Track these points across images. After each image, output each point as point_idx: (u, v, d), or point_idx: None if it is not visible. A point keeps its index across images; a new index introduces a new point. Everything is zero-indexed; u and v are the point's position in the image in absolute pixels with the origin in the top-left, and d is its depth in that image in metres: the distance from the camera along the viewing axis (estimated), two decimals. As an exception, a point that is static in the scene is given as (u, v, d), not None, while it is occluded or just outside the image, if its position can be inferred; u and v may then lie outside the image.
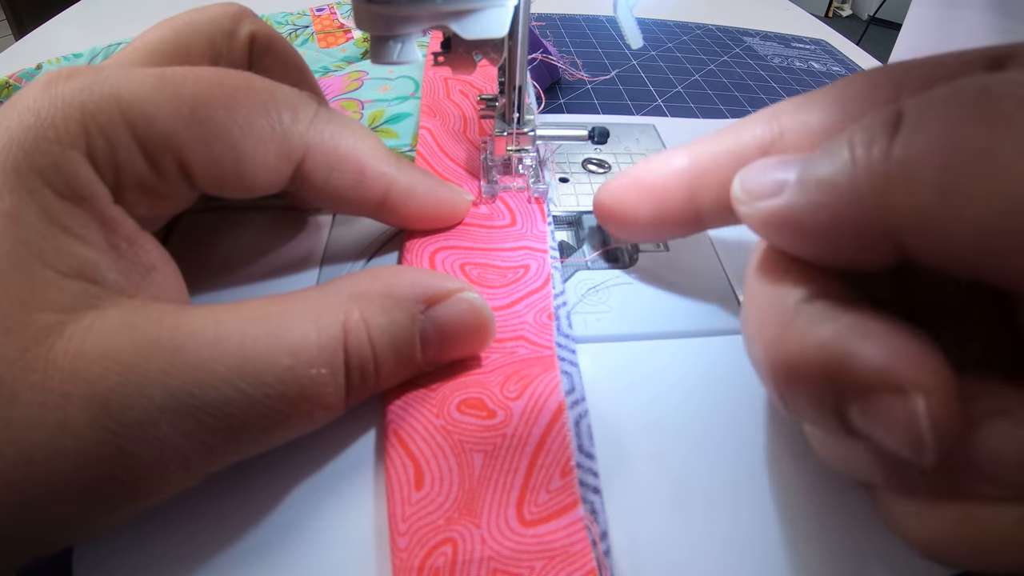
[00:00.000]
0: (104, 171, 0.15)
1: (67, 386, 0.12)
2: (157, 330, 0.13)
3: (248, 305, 0.15)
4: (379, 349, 0.16)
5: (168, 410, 0.13)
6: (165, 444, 0.13)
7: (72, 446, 0.12)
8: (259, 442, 0.14)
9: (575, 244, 0.25)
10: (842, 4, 2.57)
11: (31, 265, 0.13)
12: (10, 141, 0.14)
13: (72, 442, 0.12)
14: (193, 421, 0.13)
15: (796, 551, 0.16)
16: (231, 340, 0.14)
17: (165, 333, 0.13)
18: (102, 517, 0.13)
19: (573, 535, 0.14)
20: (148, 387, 0.12)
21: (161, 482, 0.13)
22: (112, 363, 0.13)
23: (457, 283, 0.17)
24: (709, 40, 0.48)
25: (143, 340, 0.13)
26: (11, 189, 0.13)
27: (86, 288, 0.14)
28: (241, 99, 0.17)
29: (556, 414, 0.16)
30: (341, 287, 0.16)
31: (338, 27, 0.39)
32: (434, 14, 0.18)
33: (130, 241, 0.15)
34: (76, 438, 0.12)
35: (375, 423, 0.17)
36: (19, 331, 0.12)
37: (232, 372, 0.13)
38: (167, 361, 0.13)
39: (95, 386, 0.12)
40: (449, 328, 0.17)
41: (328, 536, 0.15)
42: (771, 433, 0.18)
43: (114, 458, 0.12)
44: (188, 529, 0.15)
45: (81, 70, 0.15)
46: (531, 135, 0.25)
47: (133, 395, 0.12)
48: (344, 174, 0.19)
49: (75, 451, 0.12)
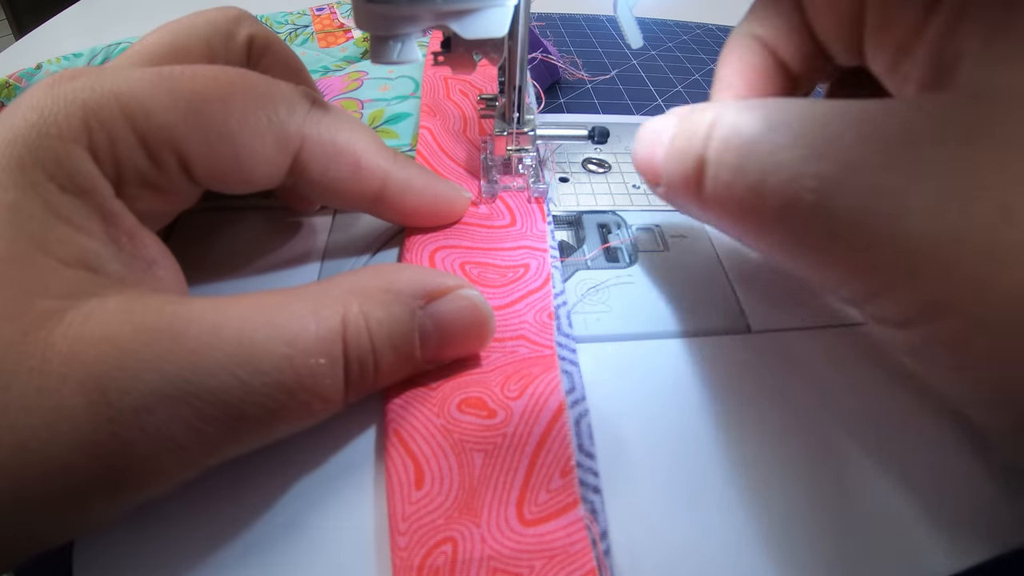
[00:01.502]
0: (105, 165, 0.15)
1: (64, 369, 0.12)
2: (157, 316, 0.13)
3: (249, 297, 0.15)
4: (378, 343, 0.16)
5: (165, 396, 0.13)
6: (161, 432, 0.13)
7: (68, 431, 0.12)
8: (256, 433, 0.14)
9: (575, 244, 0.25)
10: (842, 4, 2.56)
11: (33, 254, 0.13)
12: (15, 137, 0.14)
13: (68, 427, 0.12)
14: (190, 408, 0.13)
15: (795, 550, 0.16)
16: (230, 328, 0.14)
17: (165, 319, 0.13)
18: (98, 509, 0.13)
19: (573, 535, 0.15)
20: (145, 372, 0.12)
21: (156, 472, 0.13)
22: (110, 347, 0.13)
23: (456, 280, 0.17)
24: (709, 40, 0.48)
25: (142, 326, 0.13)
26: (15, 183, 0.14)
27: (87, 277, 0.14)
28: (237, 93, 0.17)
29: (556, 413, 0.16)
30: (341, 282, 0.16)
31: (338, 27, 0.39)
32: (434, 14, 0.18)
33: (131, 235, 0.16)
34: (72, 423, 0.12)
35: (375, 422, 0.17)
36: (20, 316, 0.13)
37: (230, 359, 0.13)
38: (165, 347, 0.13)
39: (92, 370, 0.12)
40: (448, 324, 0.17)
41: (328, 536, 0.15)
42: (771, 433, 0.18)
43: (109, 445, 0.12)
44: (188, 528, 0.15)
45: (84, 71, 0.16)
46: (531, 135, 0.25)
47: (130, 380, 0.12)
48: (340, 167, 0.19)
49: (70, 437, 0.12)
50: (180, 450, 0.13)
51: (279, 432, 0.15)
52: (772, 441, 0.18)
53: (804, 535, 0.16)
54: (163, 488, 0.14)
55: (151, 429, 0.12)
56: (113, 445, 0.12)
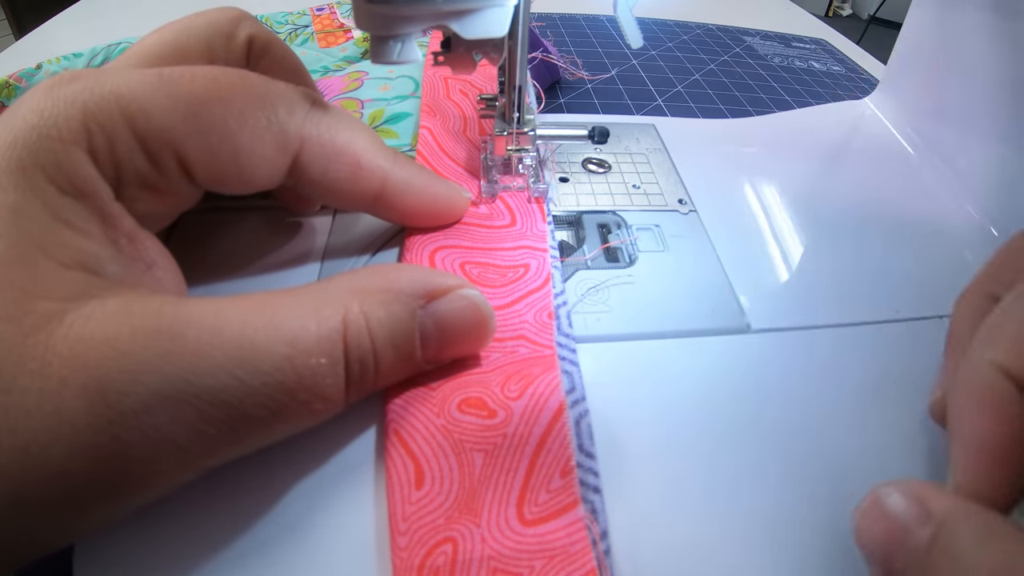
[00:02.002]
0: (105, 167, 0.15)
1: (64, 371, 0.12)
2: (157, 318, 0.13)
3: (249, 297, 0.15)
4: (378, 342, 0.16)
5: (165, 397, 0.13)
6: (161, 434, 0.13)
7: (68, 435, 0.12)
8: (257, 434, 0.14)
9: (575, 244, 0.25)
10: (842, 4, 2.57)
11: (34, 257, 0.13)
12: (15, 140, 0.14)
13: (69, 430, 0.12)
14: (190, 409, 0.13)
15: (795, 550, 0.16)
16: (230, 328, 0.14)
17: (165, 320, 0.13)
18: (98, 512, 0.13)
19: (573, 535, 0.14)
20: (145, 374, 0.12)
21: (156, 474, 0.13)
22: (110, 349, 0.13)
23: (457, 280, 0.17)
24: (709, 40, 0.48)
25: (142, 327, 0.13)
26: (15, 185, 0.14)
27: (87, 279, 0.14)
28: (236, 94, 0.17)
29: (556, 413, 0.16)
30: (342, 282, 0.16)
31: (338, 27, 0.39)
32: (434, 14, 0.18)
33: (129, 237, 0.16)
34: (72, 426, 0.12)
35: (375, 422, 0.17)
36: (20, 318, 0.12)
37: (230, 359, 0.13)
38: (165, 347, 0.13)
39: (92, 372, 0.12)
40: (448, 324, 0.17)
41: (328, 535, 0.15)
42: (770, 433, 0.18)
43: (109, 448, 0.12)
44: (188, 528, 0.15)
45: (83, 73, 0.16)
46: (531, 135, 0.25)
47: (130, 382, 0.12)
48: (340, 166, 0.19)
49: (71, 440, 0.12)
50: (180, 451, 0.13)
51: (280, 433, 0.15)
52: (772, 441, 0.18)
53: (804, 534, 0.16)
54: (163, 490, 0.14)
55: (151, 431, 0.12)
56: (113, 448, 0.12)
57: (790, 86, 0.40)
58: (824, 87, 0.41)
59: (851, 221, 0.27)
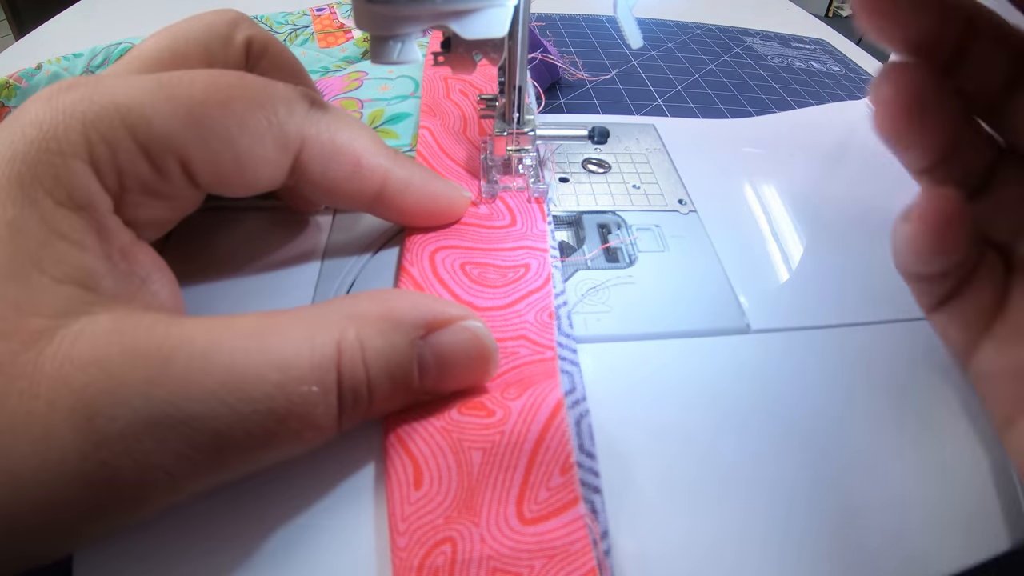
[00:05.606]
0: (107, 176, 0.15)
1: (52, 394, 0.12)
2: (147, 338, 0.13)
3: (243, 319, 0.14)
4: (373, 372, 0.15)
5: (153, 423, 0.12)
6: (149, 459, 0.12)
7: (57, 460, 0.12)
8: (246, 461, 0.14)
9: (575, 244, 0.25)
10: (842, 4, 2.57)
11: (28, 272, 0.13)
12: (14, 154, 0.14)
13: (57, 456, 0.12)
14: (177, 435, 0.12)
15: (795, 549, 0.16)
16: (221, 353, 0.13)
17: (155, 342, 0.13)
18: (88, 533, 0.13)
19: (573, 533, 0.14)
20: (133, 398, 0.12)
21: (145, 499, 0.13)
22: (98, 371, 0.12)
23: (461, 310, 0.17)
24: (709, 40, 0.48)
25: (132, 348, 0.13)
26: (14, 200, 0.14)
27: (80, 295, 0.14)
28: (236, 96, 0.17)
29: (555, 410, 0.16)
30: (340, 306, 0.16)
31: (338, 27, 0.39)
32: (434, 14, 0.18)
33: (123, 252, 0.15)
34: (61, 451, 0.12)
35: (375, 422, 0.17)
36: (11, 335, 0.12)
37: (220, 386, 0.13)
38: (154, 371, 0.13)
39: (80, 396, 0.12)
40: (449, 356, 0.16)
41: (328, 536, 0.15)
42: (770, 433, 0.18)
43: (97, 473, 0.12)
44: (188, 530, 0.15)
45: (80, 81, 0.15)
46: (531, 135, 0.25)
47: (117, 406, 0.12)
48: (340, 165, 0.19)
49: (60, 467, 0.12)
50: (168, 477, 0.13)
51: (269, 459, 0.14)
52: (772, 441, 0.18)
53: (804, 534, 0.16)
54: (153, 511, 0.13)
55: (139, 456, 0.12)
56: (101, 473, 0.12)
57: (790, 86, 0.40)
58: (824, 87, 0.41)
59: (851, 221, 0.27)
